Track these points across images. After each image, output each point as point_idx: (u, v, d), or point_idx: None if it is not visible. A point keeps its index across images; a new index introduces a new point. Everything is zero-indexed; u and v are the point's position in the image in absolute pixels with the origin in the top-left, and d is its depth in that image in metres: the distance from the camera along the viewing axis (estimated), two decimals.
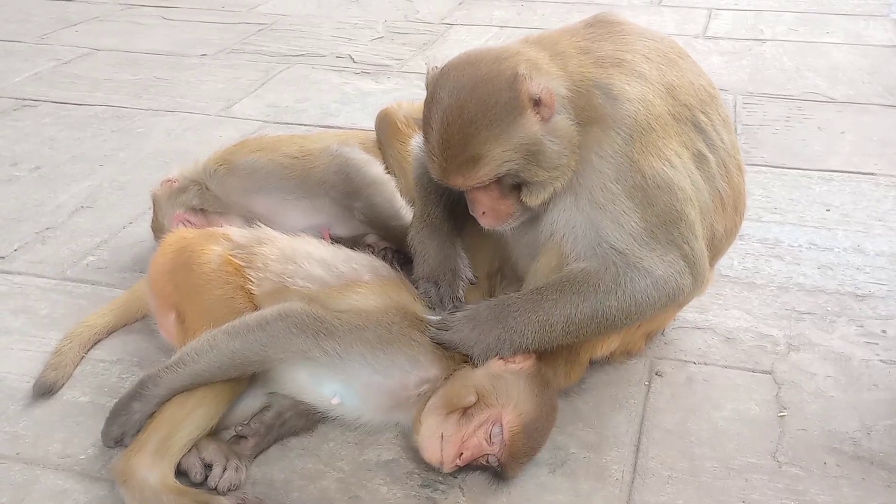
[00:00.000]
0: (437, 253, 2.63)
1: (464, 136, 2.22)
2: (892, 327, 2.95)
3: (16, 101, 5.04)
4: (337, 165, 3.20)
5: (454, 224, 2.66)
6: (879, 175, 3.99)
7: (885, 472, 2.38)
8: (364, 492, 2.34)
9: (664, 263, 2.36)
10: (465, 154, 2.23)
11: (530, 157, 2.25)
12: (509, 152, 2.23)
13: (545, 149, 2.26)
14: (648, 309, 2.40)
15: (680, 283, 2.39)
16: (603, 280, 2.35)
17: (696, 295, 2.60)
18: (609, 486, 2.35)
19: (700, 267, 2.43)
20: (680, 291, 2.41)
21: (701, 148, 2.48)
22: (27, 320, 3.06)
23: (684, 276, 2.39)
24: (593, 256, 2.36)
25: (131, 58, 5.72)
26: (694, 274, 2.42)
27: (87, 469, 2.42)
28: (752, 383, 2.71)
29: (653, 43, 2.53)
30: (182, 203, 3.25)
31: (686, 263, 2.39)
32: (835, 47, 5.66)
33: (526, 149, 2.24)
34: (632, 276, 2.34)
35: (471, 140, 2.22)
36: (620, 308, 2.36)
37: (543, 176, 2.29)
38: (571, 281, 2.37)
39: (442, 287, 2.57)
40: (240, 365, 2.37)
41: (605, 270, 2.35)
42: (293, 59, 5.66)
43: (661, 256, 2.36)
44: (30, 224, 3.71)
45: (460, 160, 2.25)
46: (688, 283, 2.41)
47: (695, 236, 2.41)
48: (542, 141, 2.25)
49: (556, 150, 2.28)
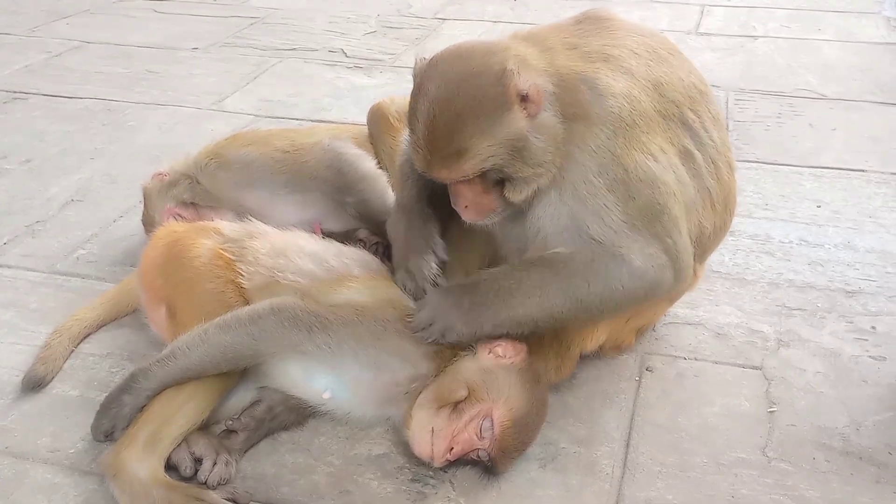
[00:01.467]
0: (406, 234, 2.61)
1: (450, 130, 2.22)
2: (882, 323, 2.96)
3: (6, 94, 5.02)
4: (329, 160, 3.20)
5: (427, 205, 2.64)
6: (870, 172, 4.00)
7: (874, 467, 2.39)
8: (354, 486, 2.34)
9: (644, 255, 2.35)
10: (451, 147, 2.23)
11: (515, 152, 2.25)
12: (495, 147, 2.23)
13: (530, 145, 2.26)
14: (625, 299, 2.39)
15: (659, 275, 2.38)
16: (577, 260, 2.34)
17: (683, 290, 2.61)
18: (599, 480, 2.35)
19: (682, 262, 2.43)
20: (659, 285, 2.40)
21: (688, 145, 2.48)
22: (17, 314, 3.05)
23: (665, 269, 2.39)
24: (573, 246, 2.36)
25: (123, 51, 5.70)
26: (676, 268, 2.41)
27: (76, 463, 2.41)
28: (742, 379, 2.72)
29: (642, 39, 2.52)
30: (173, 197, 3.24)
31: (668, 257, 2.39)
32: (826, 44, 5.67)
33: (512, 144, 2.24)
34: (607, 263, 2.33)
35: (457, 133, 2.21)
36: (594, 293, 2.35)
37: (527, 172, 2.29)
38: (547, 259, 2.38)
39: (411, 265, 2.54)
40: (231, 359, 2.37)
41: (580, 253, 2.34)
42: (285, 53, 5.65)
43: (642, 248, 2.35)
44: (20, 217, 3.70)
45: (445, 153, 2.24)
46: (668, 277, 2.41)
47: (678, 231, 2.41)
48: (528, 137, 2.25)
49: (541, 147, 2.28)
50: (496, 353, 2.39)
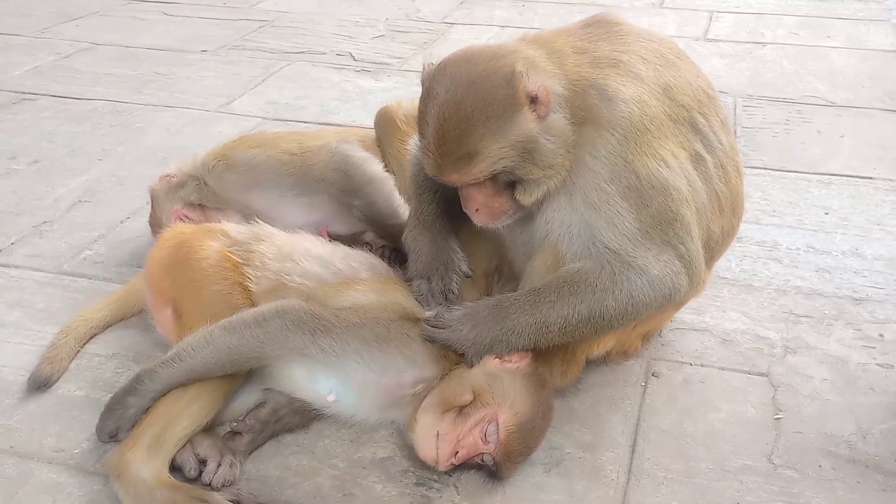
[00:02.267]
0: (430, 249, 2.63)
1: (460, 133, 2.22)
2: (889, 331, 2.95)
3: (15, 95, 5.03)
4: (336, 163, 3.20)
5: (448, 220, 2.66)
6: (878, 179, 3.99)
7: (881, 475, 2.38)
8: (358, 489, 2.34)
9: (659, 263, 2.36)
10: (461, 150, 2.23)
11: (526, 154, 2.25)
12: (505, 149, 2.23)
13: (540, 147, 2.26)
14: (645, 308, 2.40)
15: (676, 282, 2.39)
16: (600, 280, 2.34)
17: (692, 295, 2.60)
18: (604, 486, 2.35)
19: (696, 267, 2.43)
20: (676, 291, 2.41)
21: (698, 149, 2.47)
22: (23, 314, 3.05)
23: (680, 275, 2.39)
24: (588, 256, 2.36)
25: (131, 53, 5.71)
26: (690, 274, 2.42)
27: (81, 463, 2.41)
28: (748, 385, 2.71)
29: (651, 44, 2.52)
30: (180, 198, 3.25)
31: (682, 263, 2.39)
32: (835, 51, 5.66)
33: (522, 146, 2.24)
34: (628, 276, 2.34)
35: (467, 136, 2.21)
36: (617, 307, 2.36)
37: (538, 174, 2.29)
38: (568, 282, 2.37)
39: (434, 282, 2.56)
40: (236, 361, 2.37)
41: (602, 270, 2.35)
42: (294, 56, 5.66)
43: (657, 256, 2.35)
44: (27, 217, 3.71)
45: (456, 156, 2.24)
46: (684, 283, 2.41)
47: (690, 237, 2.41)
48: (538, 139, 2.25)
49: (552, 149, 2.28)
50: (502, 357, 2.38)
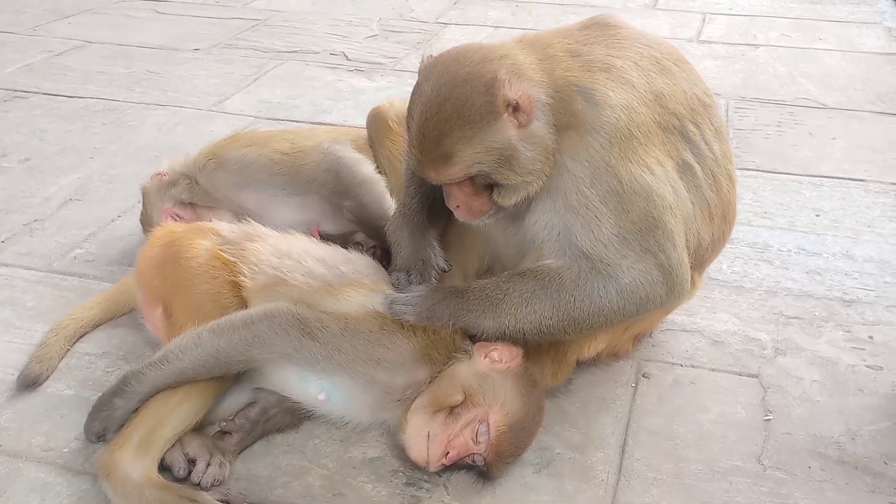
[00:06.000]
0: (409, 243, 2.64)
1: (438, 133, 2.24)
2: (879, 333, 2.96)
3: (6, 92, 5.02)
4: (327, 163, 3.19)
5: (428, 215, 2.66)
6: (869, 181, 4.00)
7: (870, 476, 2.38)
8: (348, 489, 2.33)
9: (633, 271, 2.35)
10: (438, 150, 2.25)
11: (503, 160, 2.26)
12: (480, 154, 2.24)
13: (518, 154, 2.26)
14: (614, 315, 2.39)
15: (650, 292, 2.38)
16: (564, 277, 2.36)
17: (681, 302, 2.59)
18: (594, 487, 2.35)
19: (677, 276, 2.41)
20: (650, 300, 2.39)
21: (687, 158, 2.46)
22: (13, 312, 3.04)
23: (656, 285, 2.38)
24: (562, 258, 2.38)
25: (124, 51, 5.70)
26: (669, 283, 2.40)
27: (69, 462, 2.41)
28: (738, 387, 2.72)
29: (647, 49, 2.50)
30: (171, 197, 3.24)
31: (660, 272, 2.38)
32: (827, 54, 5.67)
33: (498, 153, 2.25)
34: (594, 282, 2.35)
35: (444, 138, 2.24)
36: (582, 308, 2.36)
37: (515, 179, 2.30)
38: (535, 271, 2.39)
39: (413, 275, 2.58)
40: (224, 363, 2.37)
41: (568, 270, 2.36)
42: (286, 55, 5.65)
43: (633, 264, 2.35)
44: (18, 215, 3.69)
45: (434, 155, 2.27)
46: (660, 293, 2.39)
47: (673, 245, 2.39)
48: (516, 146, 2.26)
49: (530, 156, 2.28)
50: (492, 357, 2.38)
